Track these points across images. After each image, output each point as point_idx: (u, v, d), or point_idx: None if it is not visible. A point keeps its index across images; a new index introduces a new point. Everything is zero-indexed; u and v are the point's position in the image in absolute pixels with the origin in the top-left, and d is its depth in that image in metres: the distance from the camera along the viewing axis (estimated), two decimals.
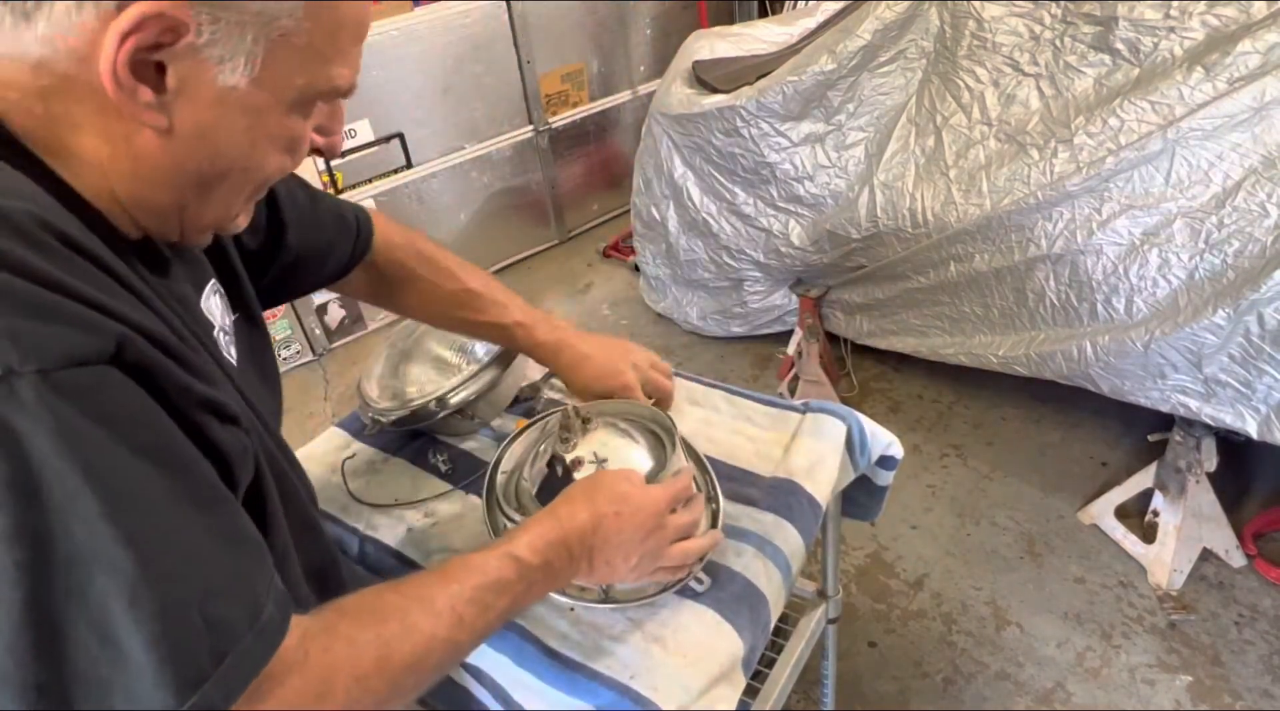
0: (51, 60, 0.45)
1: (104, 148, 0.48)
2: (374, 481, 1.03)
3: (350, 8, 0.51)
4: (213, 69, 0.47)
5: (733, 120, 2.17)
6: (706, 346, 2.68)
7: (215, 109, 0.48)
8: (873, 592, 1.81)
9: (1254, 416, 1.51)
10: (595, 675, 0.75)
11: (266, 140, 0.52)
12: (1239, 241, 1.51)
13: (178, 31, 0.44)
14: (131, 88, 0.45)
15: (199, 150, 0.50)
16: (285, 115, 0.52)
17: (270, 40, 0.47)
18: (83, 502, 0.39)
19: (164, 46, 0.45)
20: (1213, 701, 1.53)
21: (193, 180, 0.51)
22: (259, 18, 0.46)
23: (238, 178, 0.54)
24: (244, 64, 0.47)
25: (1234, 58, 1.55)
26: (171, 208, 0.52)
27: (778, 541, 0.87)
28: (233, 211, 0.57)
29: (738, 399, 1.07)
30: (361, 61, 0.55)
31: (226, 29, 0.46)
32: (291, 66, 0.49)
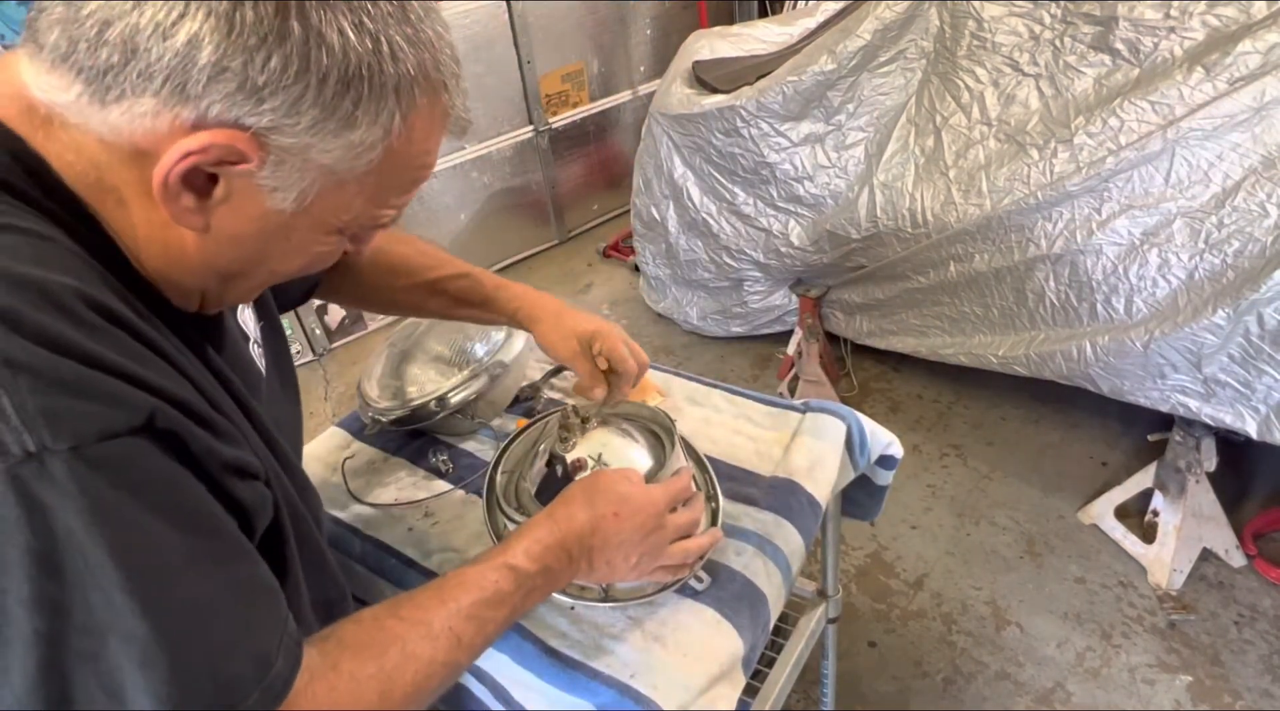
0: (109, 144, 0.46)
1: (142, 228, 0.49)
2: (374, 481, 1.03)
3: (414, 166, 0.53)
4: (263, 194, 0.48)
5: (733, 120, 2.17)
6: (706, 346, 2.68)
7: (255, 224, 0.50)
8: (873, 592, 1.81)
9: (1254, 416, 1.51)
10: (595, 674, 0.75)
11: (299, 252, 0.54)
12: (1239, 241, 1.51)
13: (240, 160, 0.45)
14: (176, 193, 0.46)
15: (229, 252, 0.51)
16: (324, 235, 0.54)
17: (327, 183, 0.49)
18: (103, 575, 0.40)
19: (223, 165, 0.46)
20: (1213, 701, 1.53)
21: (219, 275, 0.53)
22: (326, 168, 0.48)
23: (263, 276, 0.56)
24: (294, 197, 0.49)
25: (1234, 58, 1.55)
26: (194, 290, 0.54)
27: (778, 541, 0.87)
28: (255, 292, 0.60)
29: (738, 398, 1.08)
30: None
31: (289, 169, 0.47)
32: (341, 204, 0.51)
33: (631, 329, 2.82)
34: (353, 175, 0.49)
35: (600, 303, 3.01)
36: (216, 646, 0.45)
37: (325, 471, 1.06)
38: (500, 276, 0.96)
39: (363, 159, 0.49)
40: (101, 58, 0.42)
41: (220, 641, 0.45)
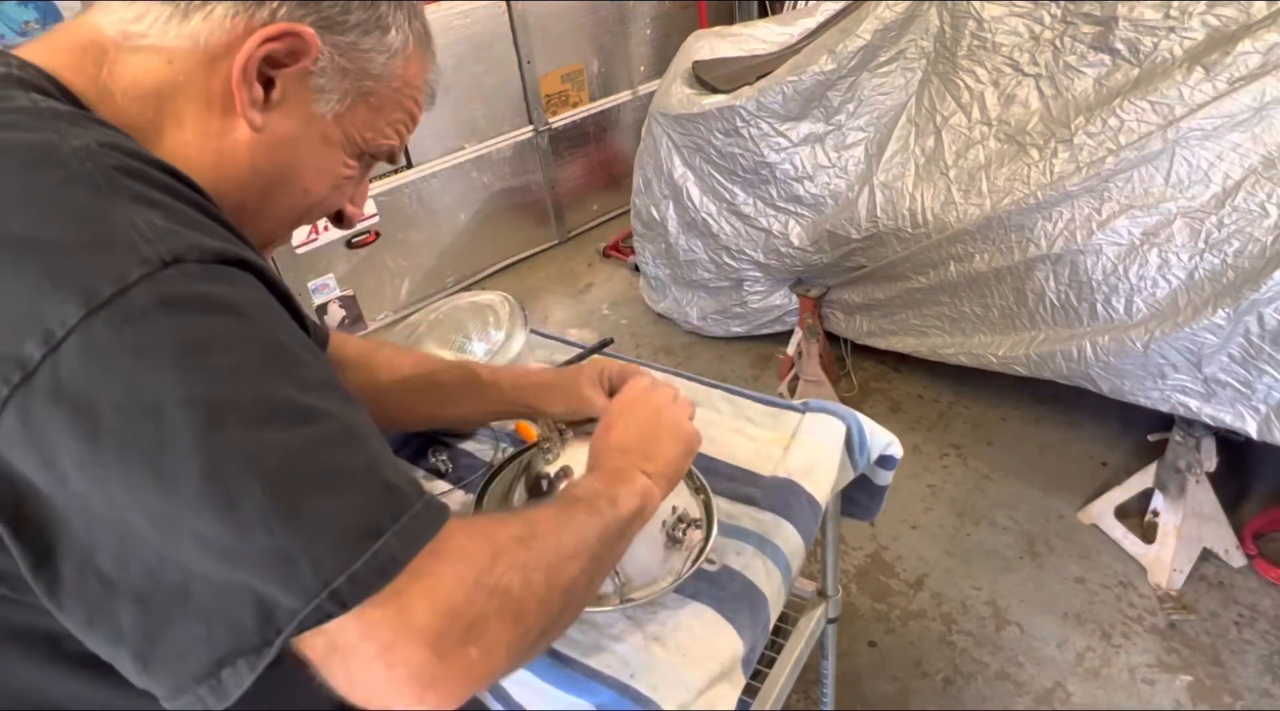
0: (185, 56, 0.52)
1: (195, 142, 0.54)
2: None
3: (413, 98, 0.63)
4: (311, 95, 0.56)
5: (733, 120, 2.17)
6: (706, 346, 2.68)
7: (302, 127, 0.57)
8: (873, 592, 1.81)
9: (1254, 416, 1.51)
10: (595, 673, 0.75)
11: (327, 170, 0.61)
12: (1239, 241, 1.51)
13: (300, 54, 0.53)
14: (250, 82, 0.53)
15: (277, 157, 0.57)
16: (346, 157, 0.61)
17: (358, 92, 0.58)
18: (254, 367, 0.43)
19: (283, 66, 0.54)
20: (1213, 701, 1.53)
21: (261, 183, 0.58)
22: (359, 71, 0.57)
23: (295, 196, 0.61)
24: (335, 101, 0.57)
25: (1234, 58, 1.55)
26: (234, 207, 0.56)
27: (777, 540, 0.87)
28: (278, 232, 0.65)
29: (737, 399, 1.07)
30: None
31: (335, 68, 0.56)
32: (364, 118, 0.60)
33: (631, 329, 2.82)
34: (378, 84, 0.59)
35: (600, 303, 3.01)
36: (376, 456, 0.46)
37: None
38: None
39: (387, 68, 0.59)
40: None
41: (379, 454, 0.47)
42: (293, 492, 0.41)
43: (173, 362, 0.40)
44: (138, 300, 0.40)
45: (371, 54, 0.57)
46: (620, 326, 2.84)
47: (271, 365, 0.44)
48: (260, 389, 0.42)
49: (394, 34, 0.58)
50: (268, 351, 0.44)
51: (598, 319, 2.92)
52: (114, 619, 0.41)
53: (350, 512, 0.43)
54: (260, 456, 0.41)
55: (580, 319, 2.93)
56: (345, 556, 0.42)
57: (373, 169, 0.68)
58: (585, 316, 2.95)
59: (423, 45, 0.63)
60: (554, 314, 2.97)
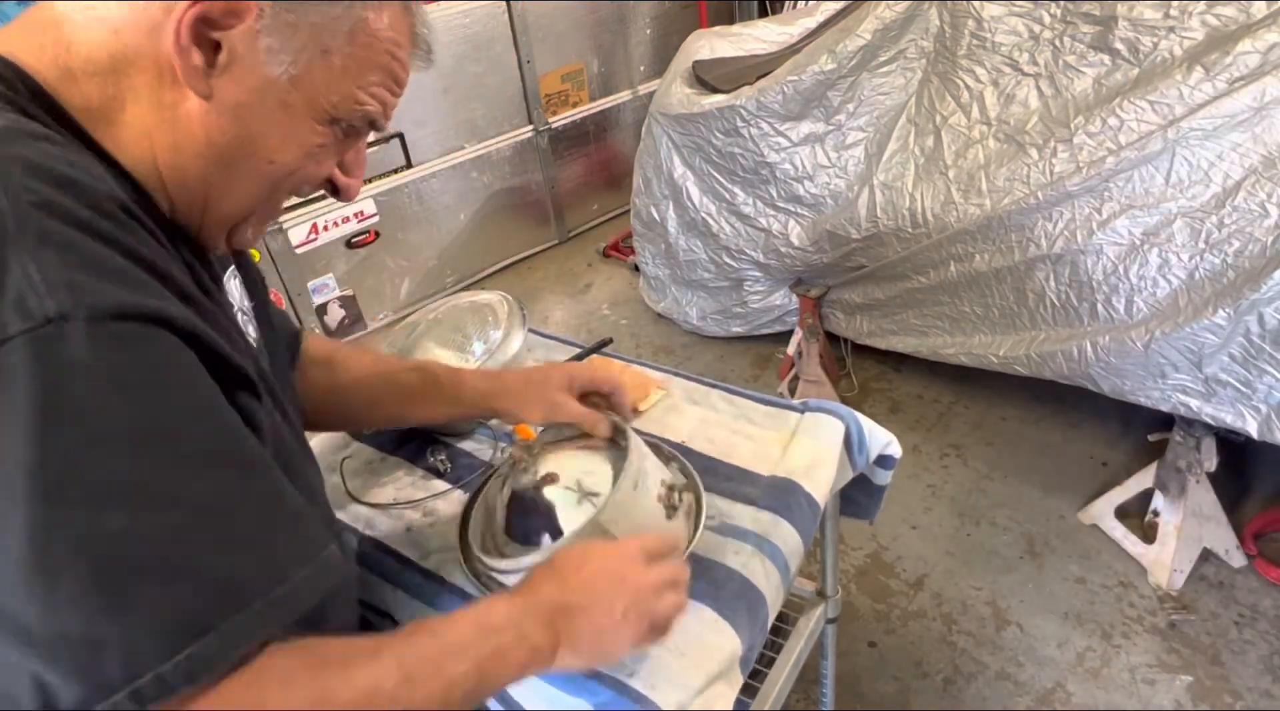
0: (131, 25, 0.50)
1: (151, 116, 0.52)
2: (372, 481, 1.03)
3: (390, 54, 0.58)
4: (261, 56, 0.52)
5: (733, 120, 2.17)
6: (706, 346, 2.68)
7: (255, 94, 0.53)
8: (873, 592, 1.81)
9: (1254, 416, 1.51)
10: (594, 673, 0.75)
11: (294, 139, 0.57)
12: (1239, 241, 1.50)
13: (240, 13, 0.50)
14: (188, 48, 0.50)
15: (230, 127, 0.54)
16: (316, 123, 0.57)
17: (315, 50, 0.54)
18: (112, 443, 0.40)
19: (225, 28, 0.50)
20: (1213, 701, 1.52)
21: (220, 154, 0.55)
22: (311, 27, 0.53)
23: (259, 166, 0.57)
24: (288, 61, 0.53)
25: (1234, 58, 1.55)
26: (197, 181, 0.56)
27: (776, 540, 0.87)
28: (249, 208, 0.60)
29: (737, 398, 1.07)
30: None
31: (282, 25, 0.52)
32: (328, 82, 0.55)
33: (631, 329, 2.82)
34: (336, 42, 0.54)
35: (600, 303, 3.01)
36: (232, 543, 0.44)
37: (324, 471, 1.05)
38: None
39: (343, 20, 0.54)
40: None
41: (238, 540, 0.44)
42: (120, 580, 0.39)
43: (28, 426, 0.38)
44: (8, 357, 0.38)
45: (320, 6, 0.53)
46: (620, 326, 2.84)
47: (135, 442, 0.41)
48: (114, 467, 0.40)
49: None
50: (136, 426, 0.41)
51: (598, 319, 2.92)
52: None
53: (176, 606, 0.40)
54: (95, 539, 0.39)
55: (580, 319, 2.93)
56: (159, 652, 0.39)
57: (361, 138, 0.63)
58: (585, 316, 2.95)
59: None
60: (554, 314, 2.97)
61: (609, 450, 0.84)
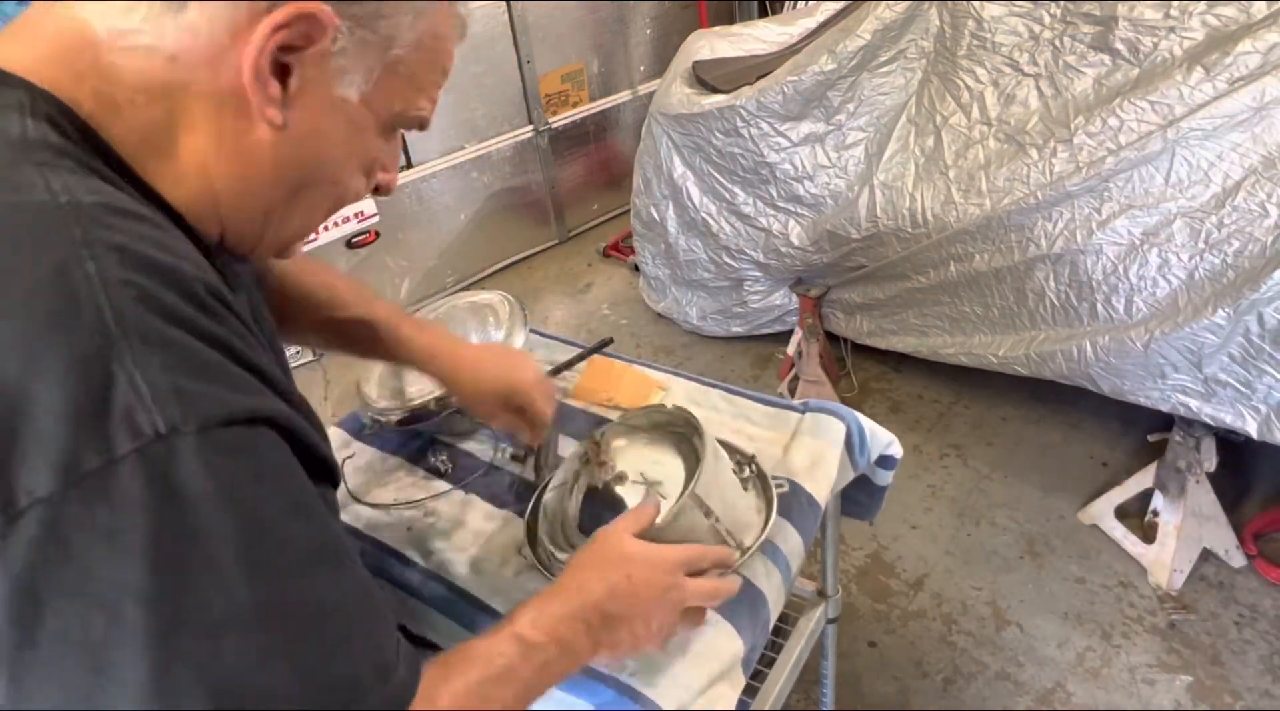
0: (187, 53, 0.46)
1: (212, 146, 0.49)
2: (373, 481, 1.03)
3: (446, 51, 0.56)
4: (333, 79, 0.50)
5: (733, 120, 2.17)
6: (706, 346, 2.68)
7: (327, 116, 0.51)
8: (873, 592, 1.81)
9: (1254, 416, 1.51)
10: (595, 673, 0.75)
11: (358, 156, 0.56)
12: (1239, 241, 1.51)
13: (316, 36, 0.47)
14: (265, 79, 0.47)
15: (302, 153, 0.52)
16: (376, 136, 0.55)
17: (385, 64, 0.51)
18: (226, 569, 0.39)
19: (299, 49, 0.47)
20: (1213, 701, 1.52)
21: (289, 183, 0.53)
22: (384, 41, 0.50)
23: (326, 189, 0.56)
24: (360, 80, 0.51)
25: (1234, 58, 1.55)
26: (260, 212, 0.54)
27: (777, 540, 0.87)
28: (310, 227, 0.59)
29: (737, 398, 1.07)
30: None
31: (357, 44, 0.49)
32: (394, 92, 0.53)
33: (631, 329, 2.82)
34: (405, 51, 0.52)
35: (600, 303, 3.01)
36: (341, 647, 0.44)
37: None
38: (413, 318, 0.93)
39: (415, 29, 0.51)
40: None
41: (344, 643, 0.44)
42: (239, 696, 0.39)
43: (140, 555, 0.37)
44: (120, 479, 0.37)
45: (397, 18, 0.50)
46: (620, 326, 2.84)
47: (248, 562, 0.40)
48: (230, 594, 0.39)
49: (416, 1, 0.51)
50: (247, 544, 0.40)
51: (598, 319, 2.92)
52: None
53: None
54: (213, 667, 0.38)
55: (580, 319, 2.93)
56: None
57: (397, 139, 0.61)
58: (585, 316, 2.95)
59: (448, 6, 0.55)
60: (554, 314, 2.97)
61: (669, 439, 0.85)
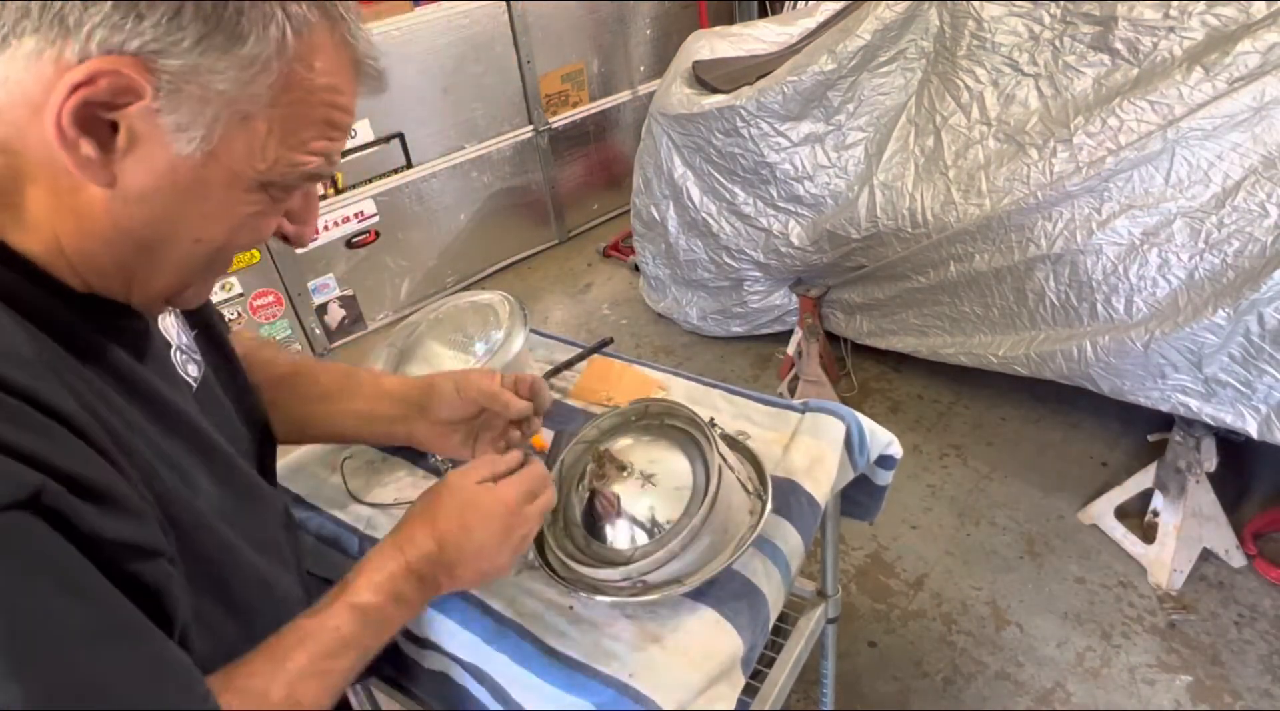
0: (8, 107, 0.44)
1: (49, 201, 0.47)
2: (373, 481, 1.03)
3: (328, 103, 0.50)
4: (167, 135, 0.46)
5: (733, 120, 2.17)
6: (706, 346, 2.68)
7: (166, 176, 0.47)
8: (873, 592, 1.81)
9: (1254, 416, 1.51)
10: (594, 673, 0.75)
11: (219, 214, 0.51)
12: (1239, 241, 1.51)
13: (133, 93, 0.44)
14: (74, 140, 0.44)
15: (140, 213, 0.48)
16: (245, 192, 0.50)
17: (232, 119, 0.47)
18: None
19: (118, 107, 0.44)
20: (1213, 701, 1.52)
21: (134, 242, 0.50)
22: (221, 95, 0.46)
23: (186, 247, 0.52)
24: (200, 136, 0.46)
25: (1234, 58, 1.55)
26: (113, 268, 0.51)
27: (777, 540, 0.87)
28: (185, 282, 0.55)
29: (737, 398, 1.07)
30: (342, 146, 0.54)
31: (186, 100, 0.45)
32: (253, 149, 0.49)
33: (631, 329, 2.82)
34: (257, 106, 0.47)
35: (600, 303, 3.01)
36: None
37: (325, 471, 1.05)
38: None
39: (259, 83, 0.47)
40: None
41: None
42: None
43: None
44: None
45: (230, 74, 0.45)
46: (620, 326, 2.84)
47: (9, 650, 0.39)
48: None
49: (254, 44, 0.46)
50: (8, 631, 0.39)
51: (598, 319, 2.92)
52: None
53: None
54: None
55: (580, 319, 2.93)
56: None
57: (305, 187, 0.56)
58: (585, 316, 2.95)
59: (327, 26, 0.49)
60: (554, 314, 2.97)
61: (670, 435, 0.86)
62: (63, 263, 0.49)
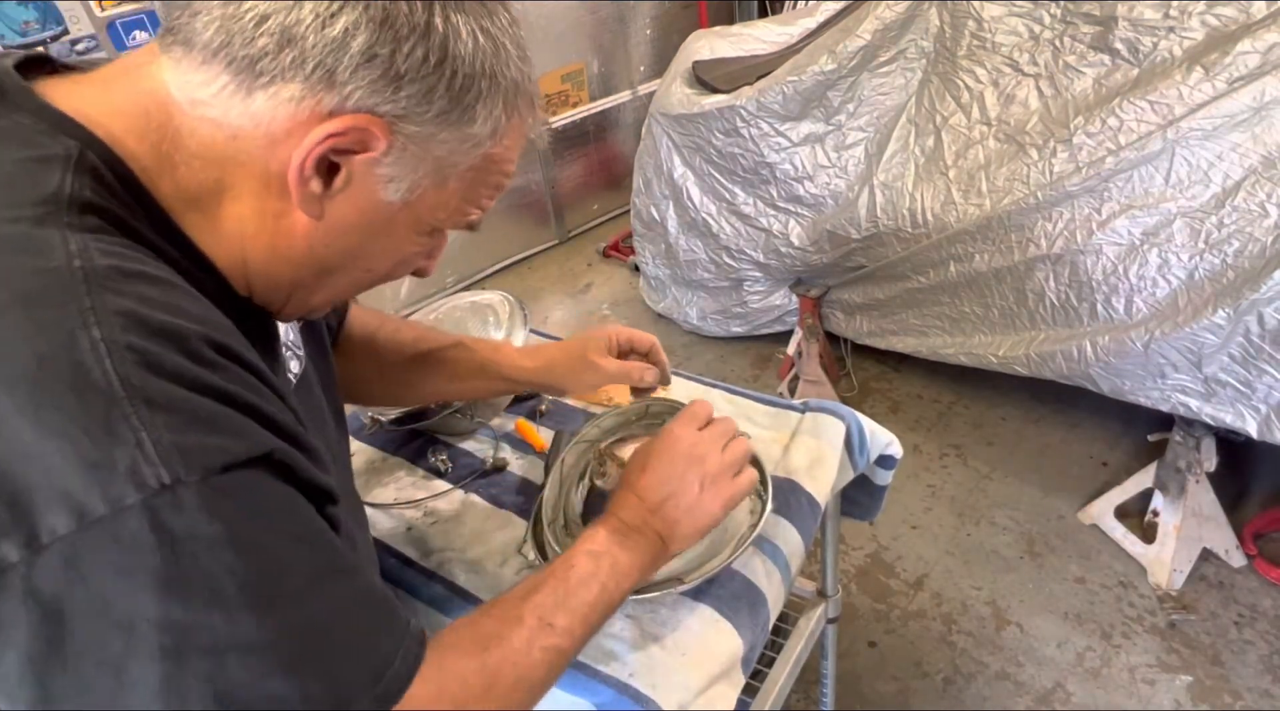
0: (247, 135, 0.49)
1: (251, 221, 0.52)
2: (373, 481, 1.03)
3: (505, 171, 0.58)
4: (379, 184, 0.52)
5: (733, 120, 2.17)
6: (706, 346, 2.68)
7: (366, 215, 0.53)
8: (873, 592, 1.81)
9: (1254, 416, 1.51)
10: (594, 673, 0.75)
11: (393, 251, 0.58)
12: (1239, 241, 1.51)
13: (370, 147, 0.50)
14: (309, 177, 0.50)
15: (336, 243, 0.54)
16: (417, 235, 0.57)
17: (434, 180, 0.53)
18: (227, 598, 0.43)
19: (349, 154, 0.50)
20: (1213, 701, 1.52)
21: (319, 266, 0.56)
22: (439, 161, 0.52)
23: (357, 274, 0.59)
24: (405, 189, 0.53)
25: (1234, 58, 1.55)
26: (286, 284, 0.57)
27: (777, 540, 0.87)
28: (335, 301, 0.62)
29: (737, 398, 1.08)
30: None
31: (409, 158, 0.51)
32: (441, 203, 0.55)
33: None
34: (455, 172, 0.54)
35: (600, 303, 3.01)
36: (336, 656, 0.48)
37: None
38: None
39: (470, 156, 0.54)
40: (257, 47, 0.47)
41: (340, 651, 0.48)
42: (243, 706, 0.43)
43: (152, 589, 0.41)
44: (128, 525, 0.41)
45: (451, 144, 0.52)
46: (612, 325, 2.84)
47: (248, 591, 0.44)
48: (231, 619, 0.43)
49: (480, 125, 0.52)
50: (248, 575, 0.44)
51: (598, 319, 2.92)
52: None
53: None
54: (216, 680, 0.43)
55: (580, 319, 2.93)
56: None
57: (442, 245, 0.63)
58: (585, 316, 2.95)
59: (525, 114, 0.56)
60: (554, 314, 2.97)
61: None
62: (239, 273, 0.55)
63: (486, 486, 0.99)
